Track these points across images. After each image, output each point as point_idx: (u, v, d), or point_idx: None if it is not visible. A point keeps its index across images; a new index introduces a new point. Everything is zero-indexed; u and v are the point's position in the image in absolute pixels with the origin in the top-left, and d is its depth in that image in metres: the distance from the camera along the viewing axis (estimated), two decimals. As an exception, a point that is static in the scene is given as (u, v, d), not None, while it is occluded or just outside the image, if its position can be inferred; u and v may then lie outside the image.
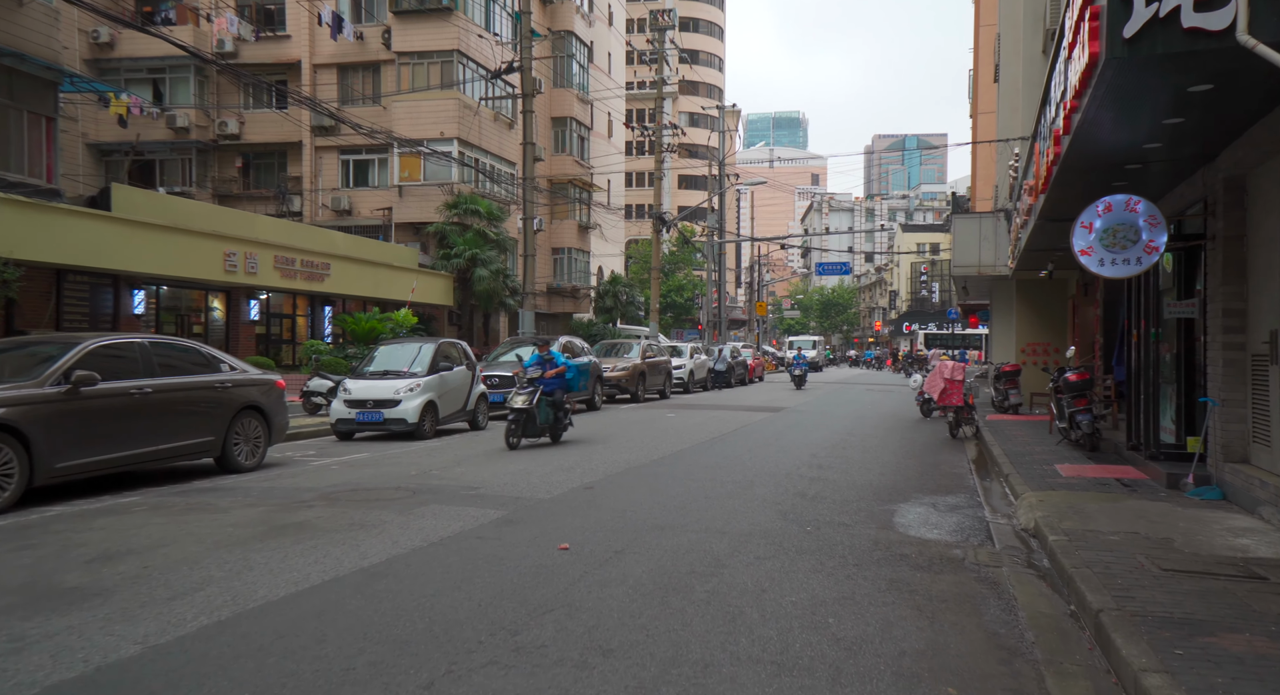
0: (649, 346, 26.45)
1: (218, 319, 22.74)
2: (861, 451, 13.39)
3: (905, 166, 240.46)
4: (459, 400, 15.37)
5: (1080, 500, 8.34)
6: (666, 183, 78.79)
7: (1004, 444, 13.36)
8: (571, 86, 42.37)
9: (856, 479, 10.52)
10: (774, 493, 9.37)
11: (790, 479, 10.39)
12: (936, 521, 8.03)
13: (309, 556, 6.16)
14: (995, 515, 8.47)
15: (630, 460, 11.76)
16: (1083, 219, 9.13)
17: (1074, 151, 8.53)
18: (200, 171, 34.53)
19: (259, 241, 21.66)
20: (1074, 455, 11.95)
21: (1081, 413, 12.26)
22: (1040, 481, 9.68)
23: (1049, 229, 13.47)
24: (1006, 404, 19.54)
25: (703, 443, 14.16)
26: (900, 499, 9.20)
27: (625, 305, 45.23)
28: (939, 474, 11.18)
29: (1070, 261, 18.73)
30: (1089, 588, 5.12)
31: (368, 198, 33.81)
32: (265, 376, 10.74)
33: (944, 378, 15.88)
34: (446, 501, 8.40)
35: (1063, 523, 7.19)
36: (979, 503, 9.15)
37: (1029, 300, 23.21)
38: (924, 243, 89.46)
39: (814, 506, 8.61)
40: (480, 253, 31.28)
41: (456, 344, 16.37)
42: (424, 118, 32.48)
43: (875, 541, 7.09)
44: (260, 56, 34.08)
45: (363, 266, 26.55)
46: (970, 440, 15.41)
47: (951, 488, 10.06)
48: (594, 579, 5.68)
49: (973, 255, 23.12)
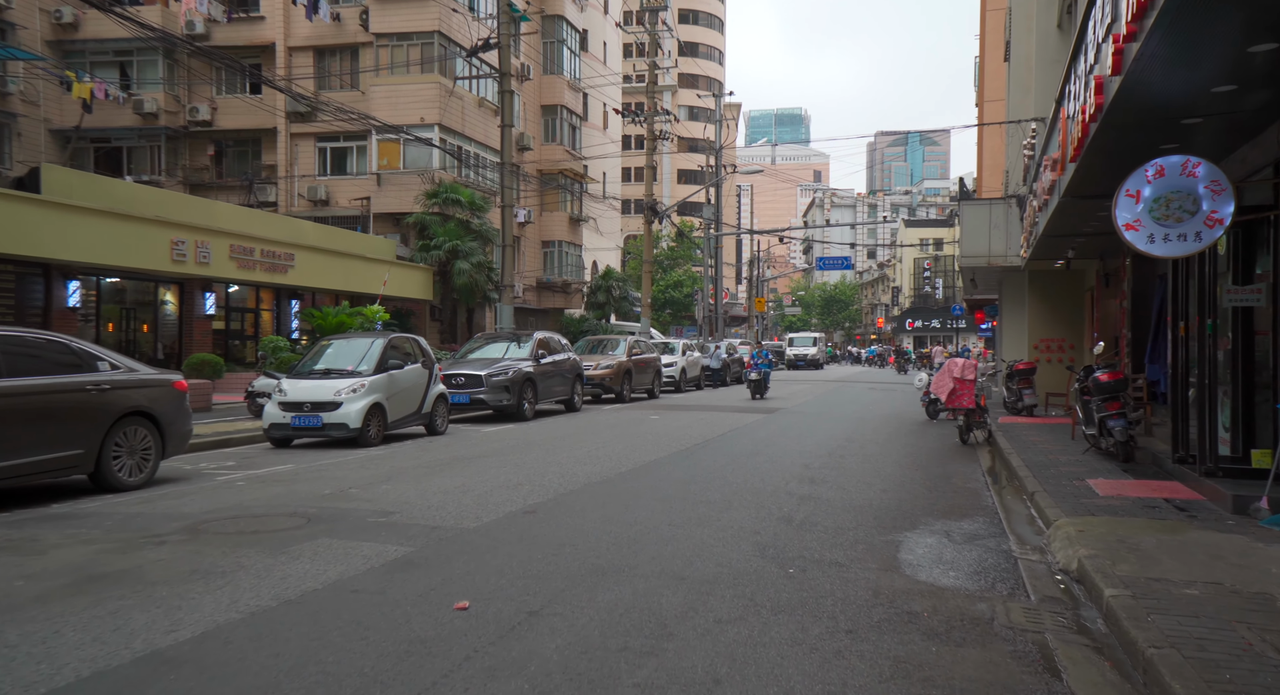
0: (636, 343, 24.84)
1: (170, 313, 21.16)
2: (861, 460, 11.80)
3: (908, 163, 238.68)
4: (412, 402, 13.78)
5: (1130, 531, 6.74)
6: (666, 176, 77.28)
7: (1023, 452, 11.76)
8: (562, 73, 40.72)
9: (854, 497, 8.92)
10: (754, 518, 7.77)
11: (776, 498, 8.80)
12: (952, 558, 6.44)
13: (89, 630, 4.46)
14: (1024, 548, 6.87)
15: (592, 474, 10.16)
16: (1128, 186, 7.53)
17: (1122, 98, 6.92)
18: (170, 159, 32.94)
19: (212, 230, 20.07)
20: (1106, 467, 10.35)
21: (1114, 418, 10.65)
22: (1073, 502, 8.08)
23: (1074, 209, 11.87)
24: (1020, 405, 17.93)
25: (682, 450, 12.56)
26: (906, 525, 7.60)
27: (619, 300, 43.60)
28: (950, 490, 9.58)
29: (1092, 249, 17.16)
30: (1189, 692, 3.53)
31: (346, 187, 32.22)
32: (159, 376, 9.13)
33: (953, 377, 14.28)
34: (343, 534, 6.80)
35: (1117, 566, 5.60)
36: (1001, 529, 7.56)
37: (1043, 293, 21.60)
38: (927, 238, 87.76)
39: (801, 537, 7.02)
40: (461, 244, 29.67)
41: (413, 339, 14.79)
42: (404, 102, 30.87)
43: (876, 591, 5.50)
44: (233, 38, 32.50)
45: (332, 258, 24.98)
46: (983, 446, 13.81)
47: (966, 509, 8.46)
48: (482, 664, 4.09)
49: (982, 245, 21.52)
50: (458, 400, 16.60)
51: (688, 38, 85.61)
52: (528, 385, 17.41)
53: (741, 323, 70.29)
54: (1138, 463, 10.58)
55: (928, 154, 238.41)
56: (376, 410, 12.76)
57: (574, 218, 41.66)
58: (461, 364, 17.57)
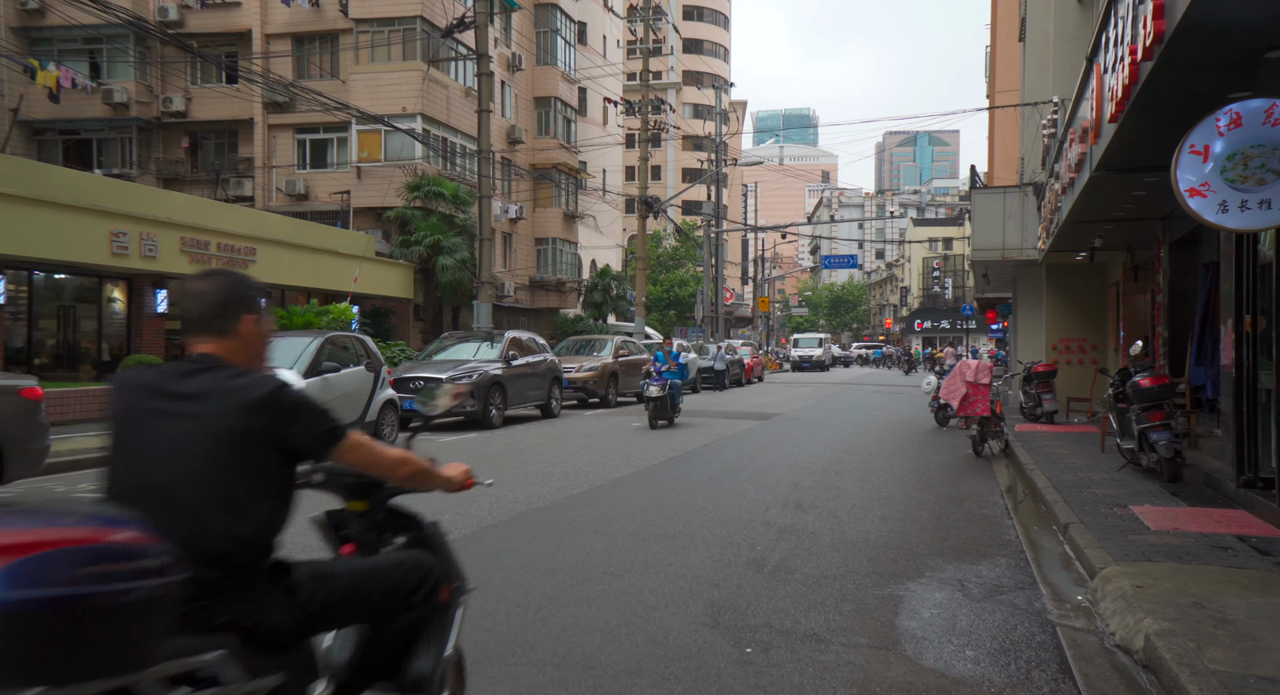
0: (624, 344, 23.25)
1: (118, 311, 19.61)
2: (859, 478, 10.16)
3: (917, 163, 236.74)
4: (352, 410, 12.19)
5: (1207, 587, 5.09)
6: (670, 174, 75.69)
7: (1047, 469, 10.11)
8: (556, 64, 39.15)
9: (846, 529, 7.29)
10: (717, 561, 6.15)
11: (750, 531, 7.17)
12: (969, 626, 4.81)
13: None
14: (1063, 608, 5.24)
15: (536, 497, 8.55)
16: (1192, 141, 5.90)
17: (1192, 21, 5.28)
18: (142, 152, 31.44)
19: (160, 221, 18.50)
20: (1150, 489, 8.69)
21: (1157, 429, 8.99)
22: (1120, 539, 6.44)
23: (1107, 186, 10.22)
24: (1039, 411, 16.25)
25: (654, 465, 10.94)
26: (909, 571, 5.97)
27: (616, 300, 42.00)
28: (963, 517, 7.94)
29: (1119, 239, 15.43)
30: None
31: (325, 181, 30.68)
32: (3, 383, 7.56)
33: (965, 381, 12.63)
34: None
35: (1206, 651, 3.96)
36: (1030, 577, 5.92)
37: (1061, 289, 19.92)
38: (936, 238, 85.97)
39: (772, 591, 5.40)
40: (445, 240, 28.08)
41: (357, 338, 13.24)
42: (385, 91, 29.32)
43: (864, 688, 3.88)
44: (208, 25, 31.01)
45: (302, 253, 23.41)
46: (999, 459, 12.17)
47: (984, 546, 6.83)
48: None
49: (995, 236, 19.83)
50: (415, 407, 15.00)
51: (692, 34, 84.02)
52: (495, 389, 15.81)
53: (747, 324, 68.66)
54: (1186, 483, 8.92)
55: (936, 154, 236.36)
56: (306, 419, 11.15)
57: (569, 214, 40.07)
58: (422, 366, 16.00)
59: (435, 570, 2.62)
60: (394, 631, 2.49)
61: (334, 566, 2.43)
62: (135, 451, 2.19)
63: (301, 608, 2.23)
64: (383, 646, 2.50)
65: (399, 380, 15.09)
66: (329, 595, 2.30)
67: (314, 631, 2.32)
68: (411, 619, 2.52)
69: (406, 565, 2.54)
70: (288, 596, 2.21)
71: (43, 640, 1.62)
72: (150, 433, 2.18)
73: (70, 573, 1.65)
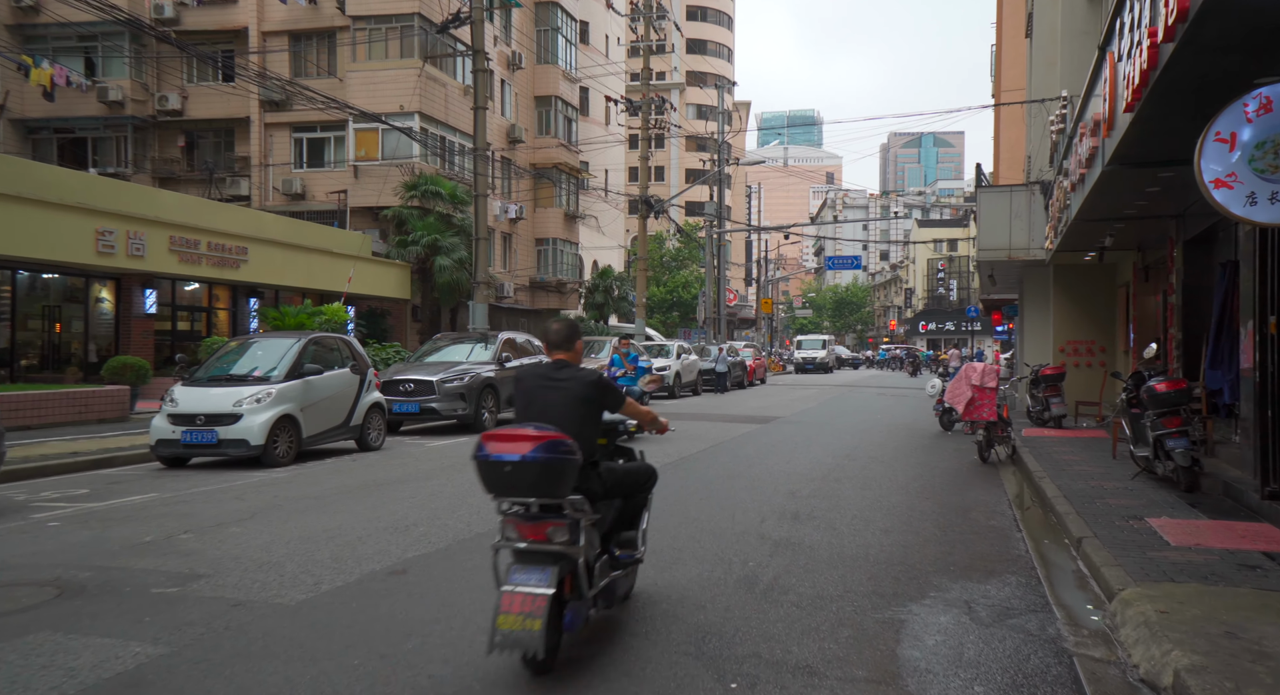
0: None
1: (106, 312, 19.24)
2: (860, 486, 9.73)
3: (921, 164, 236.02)
4: (337, 413, 11.78)
5: (1238, 612, 4.66)
6: (674, 175, 75.22)
7: (1057, 477, 9.68)
8: (557, 63, 38.75)
9: (846, 543, 6.86)
10: (705, 579, 5.73)
11: (744, 544, 6.75)
12: (977, 656, 4.39)
13: None
14: (1079, 634, 4.81)
15: (473, 525, 8.12)
16: (1218, 128, 5.48)
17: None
18: (138, 151, 31.10)
19: (148, 219, 18.13)
20: (1166, 499, 8.25)
21: (1173, 436, 8.56)
22: (1138, 555, 6.01)
23: (1120, 181, 9.80)
24: (1047, 415, 15.80)
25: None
26: (912, 590, 5.54)
27: (618, 301, 41.62)
28: (970, 530, 7.51)
29: (1130, 238, 14.95)
30: None
31: (322, 180, 30.31)
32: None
33: (971, 384, 12.19)
34: (86, 618, 4.78)
35: (1249, 690, 3.54)
36: (1042, 598, 5.48)
37: (1069, 290, 19.48)
38: (940, 239, 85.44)
39: (763, 613, 4.98)
40: (442, 239, 27.69)
41: (342, 340, 12.81)
42: (382, 89, 28.95)
43: (859, 734, 3.47)
44: (204, 23, 30.69)
45: (295, 253, 23.05)
46: (1006, 466, 11.73)
47: (993, 561, 6.39)
48: None
49: (1002, 236, 19.38)
50: (406, 409, 14.62)
51: (696, 35, 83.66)
52: (488, 392, 15.40)
53: (751, 325, 68.24)
54: (1205, 493, 8.49)
55: (941, 155, 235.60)
56: (286, 423, 10.76)
57: (570, 214, 39.67)
58: (413, 368, 15.57)
59: (654, 476, 5.04)
60: (634, 505, 4.89)
61: (614, 466, 4.74)
62: (535, 404, 4.36)
63: (603, 484, 4.45)
64: (626, 512, 4.84)
65: (388, 382, 14.70)
66: (613, 479, 4.59)
67: (609, 497, 4.57)
68: (640, 500, 4.95)
69: (644, 470, 4.97)
70: (598, 477, 4.41)
71: (554, 476, 3.87)
72: (542, 396, 4.37)
73: (560, 448, 3.86)
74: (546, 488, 3.94)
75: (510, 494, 4.00)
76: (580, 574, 4.12)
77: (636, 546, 4.90)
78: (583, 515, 4.12)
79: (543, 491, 3.95)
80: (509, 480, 3.94)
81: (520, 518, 4.03)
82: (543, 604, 3.81)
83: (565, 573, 4.06)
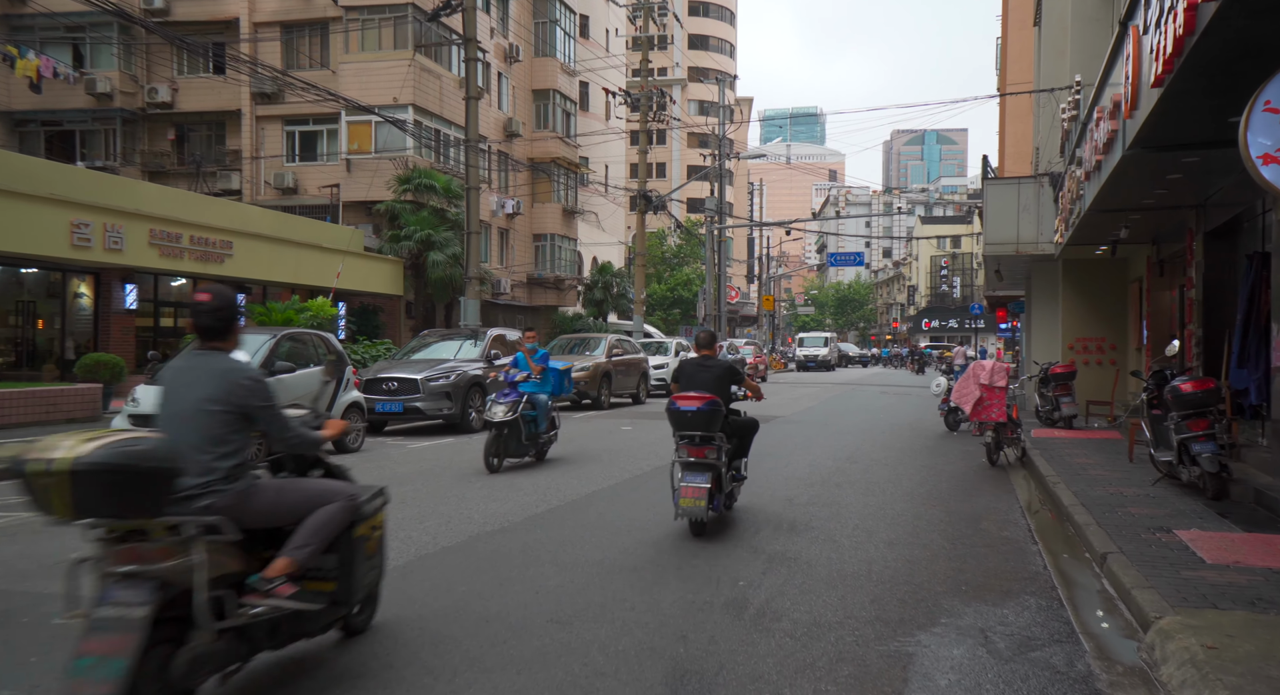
0: (619, 342, 22.22)
1: (85, 307, 18.64)
2: (862, 491, 9.14)
3: (924, 161, 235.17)
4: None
5: (1294, 649, 4.05)
6: (675, 171, 74.51)
7: (1072, 482, 9.07)
8: (555, 56, 38.13)
9: (847, 558, 6.27)
10: (689, 601, 5.13)
11: (734, 558, 6.16)
12: (999, 701, 3.79)
13: None
14: (1113, 671, 4.21)
15: (494, 516, 7.55)
16: (1268, 96, 4.95)
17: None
18: (127, 144, 30.52)
19: (126, 211, 17.52)
20: (1193, 508, 7.65)
21: (1200, 440, 7.95)
22: (1171, 575, 5.41)
23: (1141, 167, 9.18)
24: (1057, 415, 15.19)
25: (636, 476, 9.93)
26: (921, 616, 4.95)
27: (617, 298, 41.02)
28: (982, 542, 6.91)
29: (1145, 231, 14.28)
30: None
31: (315, 174, 29.70)
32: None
33: (979, 383, 11.58)
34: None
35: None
36: (1067, 625, 4.88)
37: (1079, 285, 18.86)
38: (944, 235, 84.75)
39: (752, 646, 4.38)
40: (435, 234, 27.11)
41: (318, 336, 12.25)
42: (375, 81, 28.35)
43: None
44: (194, 13, 30.06)
45: (283, 247, 22.45)
46: (1017, 469, 11.15)
47: (1008, 580, 5.79)
48: None
49: (1009, 230, 18.73)
50: (389, 409, 14.03)
51: (698, 30, 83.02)
52: (475, 391, 14.81)
53: (752, 323, 67.58)
54: (1234, 501, 7.88)
55: (944, 153, 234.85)
56: (255, 424, 10.16)
57: (568, 210, 39.07)
58: (397, 366, 14.97)
59: (757, 426, 7.77)
60: (744, 443, 7.63)
61: (734, 417, 7.40)
62: (695, 380, 7.17)
63: (730, 427, 7.25)
64: (740, 447, 7.57)
65: (370, 381, 14.12)
66: (735, 425, 7.41)
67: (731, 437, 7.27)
68: (748, 440, 7.66)
69: (750, 421, 7.67)
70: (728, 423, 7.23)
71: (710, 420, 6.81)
72: (699, 376, 7.20)
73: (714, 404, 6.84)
74: (706, 426, 6.79)
75: (687, 429, 6.83)
76: (722, 477, 6.93)
77: (743, 470, 7.76)
78: (722, 444, 6.92)
79: (704, 428, 6.79)
80: (689, 422, 6.81)
81: (691, 443, 6.83)
82: (704, 492, 6.57)
83: (714, 476, 6.76)
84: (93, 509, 2.96)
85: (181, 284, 21.35)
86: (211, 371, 3.58)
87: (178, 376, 3.64)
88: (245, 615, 3.36)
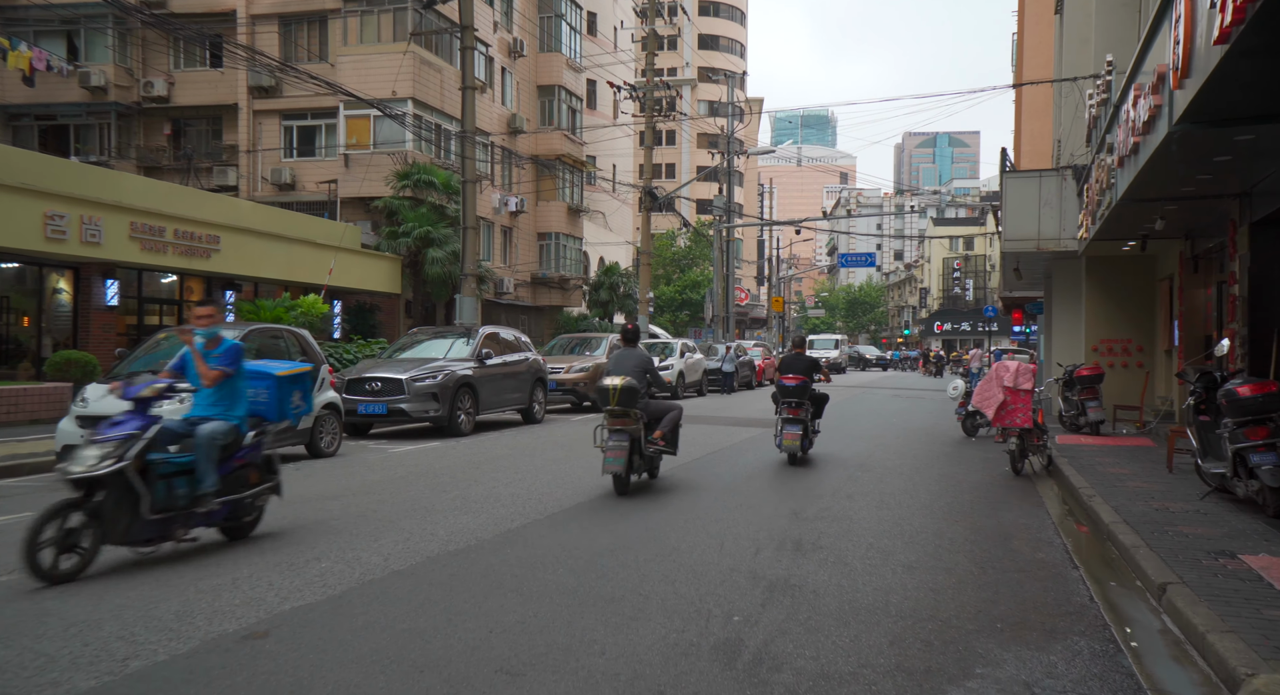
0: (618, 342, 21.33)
1: (64, 303, 17.90)
2: (876, 504, 8.26)
3: (936, 164, 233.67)
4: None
5: None
6: (685, 172, 73.63)
7: (1110, 495, 8.18)
8: (561, 51, 37.33)
9: (859, 584, 5.40)
10: (672, 643, 4.27)
11: (730, 586, 5.29)
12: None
13: None
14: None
15: (460, 533, 6.70)
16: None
17: None
18: (122, 138, 29.84)
19: (105, 203, 16.76)
20: (1253, 527, 6.75)
21: (1259, 450, 7.06)
22: (1251, 616, 4.53)
23: (1189, 147, 8.30)
24: (1083, 421, 14.27)
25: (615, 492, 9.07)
26: (950, 664, 4.08)
27: (623, 299, 40.16)
28: (1014, 566, 6.03)
29: (1178, 224, 13.28)
30: None
31: (313, 169, 28.97)
32: None
33: (1002, 386, 10.68)
34: None
35: None
36: (1130, 677, 4.01)
37: (1104, 284, 17.92)
38: (957, 235, 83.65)
39: (742, 709, 3.53)
40: (434, 231, 26.33)
41: (293, 333, 11.43)
42: (374, 73, 27.58)
43: None
44: (191, 5, 29.36)
45: (274, 243, 21.70)
46: (1044, 479, 10.25)
47: (1051, 615, 4.91)
48: None
49: (1030, 225, 17.80)
50: (372, 410, 13.22)
51: (708, 30, 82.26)
52: (464, 392, 13.98)
53: (762, 325, 66.66)
54: (1298, 519, 6.97)
55: (956, 155, 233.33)
56: (215, 427, 9.33)
57: (573, 208, 38.24)
58: (383, 365, 14.14)
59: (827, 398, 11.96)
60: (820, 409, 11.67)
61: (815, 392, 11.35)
62: (791, 366, 11.24)
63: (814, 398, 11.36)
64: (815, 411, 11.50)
65: (353, 381, 13.32)
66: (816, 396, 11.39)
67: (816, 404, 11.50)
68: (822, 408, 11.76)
69: (823, 395, 11.78)
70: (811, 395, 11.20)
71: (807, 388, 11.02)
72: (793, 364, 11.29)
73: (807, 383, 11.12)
74: (799, 395, 10.69)
75: (788, 397, 10.73)
76: (808, 429, 10.82)
77: (816, 426, 11.41)
78: (808, 408, 10.84)
79: (797, 396, 10.69)
80: (790, 392, 10.72)
81: (790, 406, 10.71)
82: (798, 437, 10.57)
83: (803, 427, 10.64)
84: (624, 402, 8.35)
85: (170, 281, 20.63)
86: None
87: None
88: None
